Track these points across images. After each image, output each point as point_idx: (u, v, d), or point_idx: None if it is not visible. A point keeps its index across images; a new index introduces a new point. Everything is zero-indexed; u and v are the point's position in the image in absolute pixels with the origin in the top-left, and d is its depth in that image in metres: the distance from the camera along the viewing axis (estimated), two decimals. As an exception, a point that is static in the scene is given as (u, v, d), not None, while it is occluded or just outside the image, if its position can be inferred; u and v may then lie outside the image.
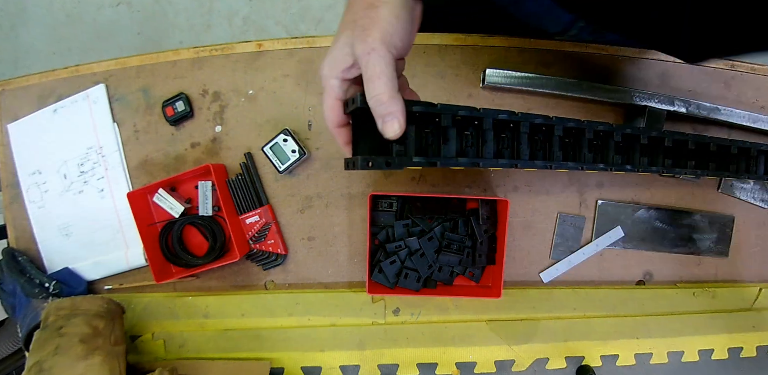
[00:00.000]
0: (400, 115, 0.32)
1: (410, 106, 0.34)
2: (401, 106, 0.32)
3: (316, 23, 1.62)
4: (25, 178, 0.69)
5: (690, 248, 0.68)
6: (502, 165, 0.41)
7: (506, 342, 0.65)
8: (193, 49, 0.66)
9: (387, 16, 0.32)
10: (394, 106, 0.31)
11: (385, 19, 0.32)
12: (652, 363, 0.66)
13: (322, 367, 0.65)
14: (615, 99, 0.62)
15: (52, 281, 0.64)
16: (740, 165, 0.58)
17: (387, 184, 0.65)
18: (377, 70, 0.31)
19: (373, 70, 0.31)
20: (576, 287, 0.66)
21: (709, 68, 0.66)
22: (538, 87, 0.61)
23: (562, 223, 0.66)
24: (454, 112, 0.38)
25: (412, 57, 0.64)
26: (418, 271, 0.61)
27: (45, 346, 0.52)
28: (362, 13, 0.33)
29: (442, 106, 0.37)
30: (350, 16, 0.33)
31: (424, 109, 0.36)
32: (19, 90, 0.70)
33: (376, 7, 0.32)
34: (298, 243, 0.66)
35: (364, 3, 0.33)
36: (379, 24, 0.32)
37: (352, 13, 0.34)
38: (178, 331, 0.65)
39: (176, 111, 0.65)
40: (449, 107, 0.37)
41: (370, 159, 0.34)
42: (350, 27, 0.33)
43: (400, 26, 0.32)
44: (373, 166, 0.34)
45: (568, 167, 0.46)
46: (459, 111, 0.38)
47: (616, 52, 0.64)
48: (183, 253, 0.65)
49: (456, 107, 0.38)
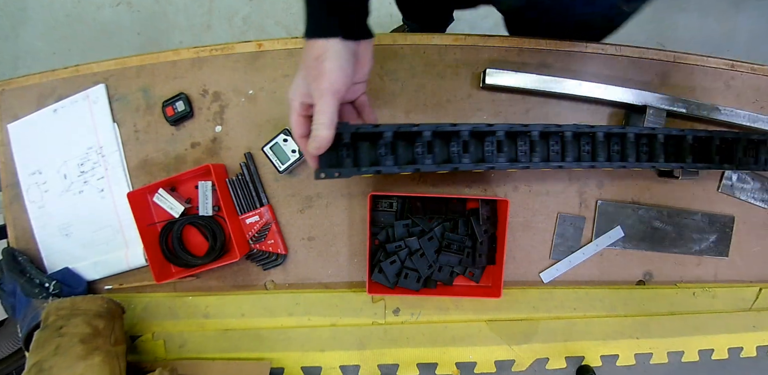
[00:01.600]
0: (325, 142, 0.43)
1: (356, 128, 0.46)
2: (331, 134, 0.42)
3: (316, 23, 1.62)
4: (25, 178, 0.69)
5: (690, 248, 0.68)
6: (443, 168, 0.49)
7: (506, 342, 0.65)
8: (193, 49, 0.66)
9: (332, 69, 0.41)
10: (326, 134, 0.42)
11: (331, 71, 0.41)
12: (652, 363, 0.66)
13: (322, 367, 0.65)
14: (615, 99, 0.62)
15: (52, 281, 0.64)
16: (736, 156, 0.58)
17: (387, 184, 0.65)
18: (322, 109, 0.42)
19: (320, 108, 0.42)
20: (576, 287, 0.66)
21: (709, 68, 0.66)
22: (538, 87, 0.61)
23: (562, 223, 0.66)
24: (396, 129, 0.47)
25: (412, 57, 0.64)
26: (418, 271, 0.61)
27: (45, 346, 0.52)
28: (312, 64, 0.41)
29: (382, 126, 0.47)
30: (304, 63, 0.43)
31: (368, 129, 0.47)
32: (19, 90, 0.70)
33: (322, 60, 0.41)
34: (298, 243, 0.66)
35: (314, 54, 0.41)
36: (325, 76, 0.41)
37: (305, 59, 0.42)
38: (178, 331, 0.65)
39: (176, 111, 0.65)
40: (389, 126, 0.47)
41: (324, 171, 0.45)
42: (305, 72, 0.43)
43: (343, 75, 0.41)
44: (326, 176, 0.45)
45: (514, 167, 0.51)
46: (399, 128, 0.47)
47: (616, 51, 0.64)
48: (183, 253, 0.65)
49: (394, 125, 0.47)
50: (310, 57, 0.41)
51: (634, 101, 0.62)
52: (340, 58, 0.41)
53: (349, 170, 0.46)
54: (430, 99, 0.65)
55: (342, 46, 0.41)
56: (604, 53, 0.64)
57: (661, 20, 1.69)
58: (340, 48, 0.41)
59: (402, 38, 0.64)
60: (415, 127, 0.48)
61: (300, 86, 0.44)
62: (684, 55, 0.65)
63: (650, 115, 0.61)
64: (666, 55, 0.65)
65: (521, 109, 0.65)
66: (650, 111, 0.61)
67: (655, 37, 1.67)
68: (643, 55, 0.65)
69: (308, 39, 0.42)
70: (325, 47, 0.41)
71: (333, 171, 0.46)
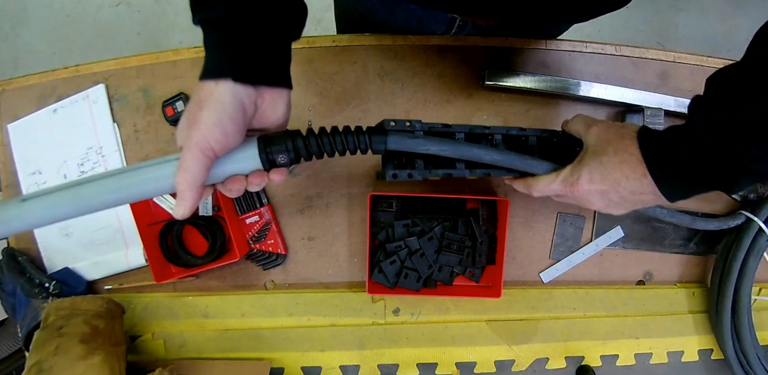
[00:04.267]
0: (189, 204, 0.36)
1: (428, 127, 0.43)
2: (193, 198, 0.36)
3: (315, 23, 1.62)
4: (25, 178, 0.69)
5: (690, 248, 0.68)
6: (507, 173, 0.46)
7: (506, 342, 0.65)
8: (193, 49, 0.66)
9: (205, 122, 0.34)
10: (188, 196, 0.36)
11: (204, 123, 0.34)
12: (652, 363, 0.66)
13: (322, 367, 0.65)
14: (614, 99, 0.62)
15: (52, 281, 0.64)
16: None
17: (387, 184, 0.65)
18: (185, 165, 0.35)
19: (183, 163, 0.35)
20: (576, 287, 0.66)
21: (709, 68, 0.66)
22: (538, 87, 0.61)
23: (562, 223, 0.66)
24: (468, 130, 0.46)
25: (412, 57, 0.64)
26: (418, 271, 0.61)
27: (45, 346, 0.52)
28: (192, 108, 0.35)
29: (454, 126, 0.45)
30: (189, 105, 0.36)
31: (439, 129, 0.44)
32: (19, 90, 0.70)
33: (202, 109, 0.34)
34: (298, 243, 0.66)
35: (197, 98, 0.35)
36: (198, 129, 0.34)
37: (191, 101, 0.36)
38: (178, 331, 0.65)
39: (176, 111, 0.65)
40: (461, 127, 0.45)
41: (396, 172, 0.42)
42: (186, 115, 0.36)
43: (217, 131, 0.34)
44: (398, 177, 0.42)
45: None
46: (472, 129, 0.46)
47: (616, 51, 0.64)
48: (183, 253, 0.65)
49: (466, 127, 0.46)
50: (194, 100, 0.35)
51: (633, 101, 0.62)
52: (220, 109, 0.34)
53: (421, 172, 0.43)
54: (430, 99, 0.65)
55: (230, 93, 0.34)
56: (604, 53, 0.64)
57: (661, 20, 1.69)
58: (227, 97, 0.34)
59: (402, 38, 0.64)
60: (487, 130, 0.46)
61: (181, 126, 0.36)
62: (684, 55, 0.65)
63: (649, 115, 0.61)
64: (666, 55, 0.65)
65: (521, 109, 0.65)
66: (648, 111, 0.61)
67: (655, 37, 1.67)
68: (643, 55, 0.65)
69: (200, 81, 0.35)
70: (209, 92, 0.34)
71: (405, 172, 0.42)
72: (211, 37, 0.36)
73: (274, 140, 0.38)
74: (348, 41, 0.64)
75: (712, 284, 0.66)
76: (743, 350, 0.63)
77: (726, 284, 0.63)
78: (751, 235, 0.62)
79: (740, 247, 0.62)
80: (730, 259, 0.63)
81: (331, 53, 0.64)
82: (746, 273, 0.62)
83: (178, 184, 0.35)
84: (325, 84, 0.65)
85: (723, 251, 0.65)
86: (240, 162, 0.38)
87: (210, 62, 0.36)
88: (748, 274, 0.62)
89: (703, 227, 0.63)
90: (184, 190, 0.35)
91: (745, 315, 0.62)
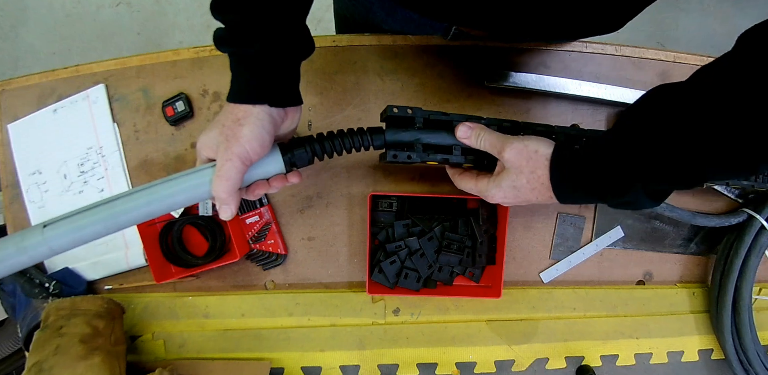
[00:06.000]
0: (233, 207, 0.41)
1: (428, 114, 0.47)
2: (235, 201, 0.41)
3: (316, 23, 1.62)
4: (25, 178, 0.69)
5: (690, 248, 0.68)
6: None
7: (506, 342, 0.65)
8: (193, 49, 0.66)
9: (247, 136, 0.39)
10: (230, 201, 0.41)
11: (246, 137, 0.39)
12: (652, 363, 0.66)
13: (322, 367, 0.65)
14: (615, 99, 0.62)
15: (52, 281, 0.64)
16: None
17: (387, 184, 0.65)
18: (226, 175, 0.40)
19: (224, 173, 0.40)
20: (576, 287, 0.66)
21: (709, 68, 0.66)
22: (538, 87, 0.61)
23: (562, 223, 0.66)
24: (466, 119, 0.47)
25: (412, 57, 0.64)
26: (418, 271, 0.61)
27: (45, 346, 0.52)
28: (230, 124, 0.40)
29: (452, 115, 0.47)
30: (222, 120, 0.41)
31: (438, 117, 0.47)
32: (19, 90, 0.70)
33: (241, 125, 0.40)
34: (298, 243, 0.66)
35: (233, 116, 0.40)
36: (239, 142, 0.39)
37: (224, 117, 0.41)
38: (178, 331, 0.65)
39: (176, 111, 0.65)
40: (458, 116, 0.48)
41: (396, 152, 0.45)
42: (221, 129, 0.41)
43: (257, 144, 0.40)
44: (398, 158, 0.45)
45: None
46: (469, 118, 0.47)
47: (616, 51, 0.64)
48: (183, 253, 0.65)
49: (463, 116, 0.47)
50: (230, 117, 0.40)
51: (633, 101, 0.61)
52: (260, 126, 0.40)
53: (420, 155, 0.45)
54: (430, 99, 0.65)
55: (266, 113, 0.40)
56: (604, 53, 0.64)
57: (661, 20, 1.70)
58: (264, 116, 0.40)
59: (402, 38, 0.64)
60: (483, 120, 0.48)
61: (211, 140, 0.42)
62: (684, 55, 0.65)
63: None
64: (666, 55, 0.65)
65: (522, 109, 0.65)
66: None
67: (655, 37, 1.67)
68: (643, 55, 0.65)
69: (232, 102, 0.41)
70: (248, 112, 0.40)
71: (405, 154, 0.45)
72: (243, 68, 0.41)
73: (292, 146, 0.44)
74: (348, 41, 0.64)
75: (713, 282, 0.66)
76: (743, 348, 0.63)
77: (727, 281, 0.63)
78: (752, 232, 0.62)
79: (742, 245, 0.62)
80: (731, 257, 0.63)
81: (331, 53, 0.64)
82: (747, 270, 0.62)
83: (220, 192, 0.40)
84: (325, 84, 0.65)
85: (724, 249, 0.65)
86: (266, 166, 0.43)
87: (244, 88, 0.41)
88: (749, 272, 0.62)
89: (704, 224, 0.63)
90: (227, 197, 0.40)
91: (746, 312, 0.62)
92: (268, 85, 0.41)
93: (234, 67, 0.42)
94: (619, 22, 0.51)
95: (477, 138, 0.45)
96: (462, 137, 0.45)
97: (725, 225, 0.63)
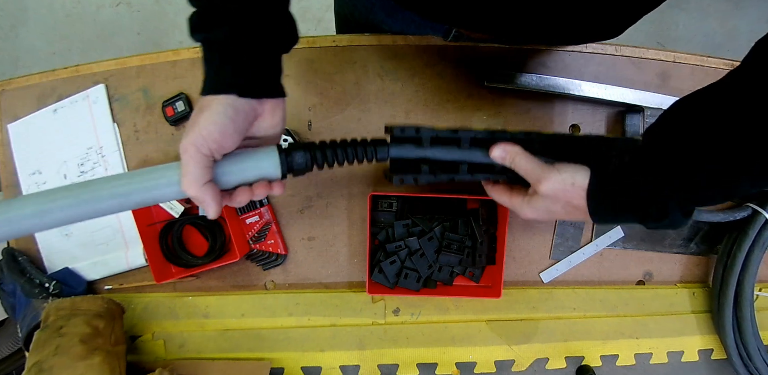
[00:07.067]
0: (213, 204, 0.37)
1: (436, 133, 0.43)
2: (210, 196, 0.36)
3: (316, 23, 1.62)
4: (25, 178, 0.69)
5: (690, 248, 0.68)
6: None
7: (506, 342, 0.65)
8: (193, 49, 0.66)
9: (204, 122, 0.35)
10: (205, 198, 0.36)
11: (202, 124, 0.35)
12: (652, 363, 0.66)
13: (322, 367, 0.65)
14: (614, 99, 0.62)
15: (52, 281, 0.64)
16: None
17: (387, 184, 0.65)
18: (186, 169, 0.36)
19: (183, 167, 0.36)
20: (576, 287, 0.66)
21: (709, 68, 0.66)
22: (538, 87, 0.61)
23: (562, 223, 0.66)
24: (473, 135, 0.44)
25: (412, 57, 0.64)
26: (418, 271, 0.61)
27: (45, 346, 0.52)
28: (194, 116, 0.37)
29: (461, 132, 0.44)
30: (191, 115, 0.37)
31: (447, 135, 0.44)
32: (19, 90, 0.70)
33: (202, 112, 0.36)
34: (298, 243, 0.66)
35: (200, 105, 0.37)
36: (195, 128, 0.35)
37: (193, 112, 0.37)
38: (178, 331, 0.65)
39: (176, 111, 0.65)
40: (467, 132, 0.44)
41: (403, 177, 0.43)
42: (188, 123, 0.37)
43: (214, 129, 0.35)
44: (404, 182, 0.44)
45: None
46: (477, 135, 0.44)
47: (616, 51, 0.64)
48: (183, 253, 0.65)
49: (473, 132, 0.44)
50: (195, 110, 0.37)
51: (633, 101, 0.62)
52: (220, 112, 0.36)
53: (426, 177, 0.44)
54: (430, 99, 0.65)
55: (229, 101, 0.36)
56: (604, 53, 0.64)
57: (661, 20, 1.69)
58: (227, 104, 0.36)
59: (402, 38, 0.64)
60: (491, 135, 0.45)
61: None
62: (684, 55, 0.65)
63: (649, 115, 0.61)
64: (666, 55, 0.65)
65: (521, 109, 0.65)
66: (648, 111, 0.61)
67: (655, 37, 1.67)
68: (643, 55, 0.65)
69: (203, 96, 0.37)
70: (211, 101, 0.36)
71: (411, 177, 0.44)
72: (213, 55, 0.38)
73: (291, 149, 0.41)
74: (348, 41, 0.64)
75: (715, 278, 0.66)
76: (744, 343, 0.62)
77: (729, 276, 0.63)
78: (756, 227, 0.62)
79: (745, 239, 0.62)
80: (734, 252, 0.63)
81: (331, 53, 0.64)
82: (750, 265, 0.62)
83: (185, 189, 0.36)
84: (325, 84, 0.65)
85: (726, 246, 0.65)
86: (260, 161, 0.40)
87: (213, 79, 0.37)
88: (752, 266, 0.62)
89: (709, 219, 0.63)
90: (195, 193, 0.36)
91: (748, 307, 0.62)
92: (237, 72, 0.37)
93: (204, 56, 0.38)
94: (619, 29, 0.51)
95: (511, 163, 0.44)
96: (497, 159, 0.44)
97: (730, 220, 0.63)
